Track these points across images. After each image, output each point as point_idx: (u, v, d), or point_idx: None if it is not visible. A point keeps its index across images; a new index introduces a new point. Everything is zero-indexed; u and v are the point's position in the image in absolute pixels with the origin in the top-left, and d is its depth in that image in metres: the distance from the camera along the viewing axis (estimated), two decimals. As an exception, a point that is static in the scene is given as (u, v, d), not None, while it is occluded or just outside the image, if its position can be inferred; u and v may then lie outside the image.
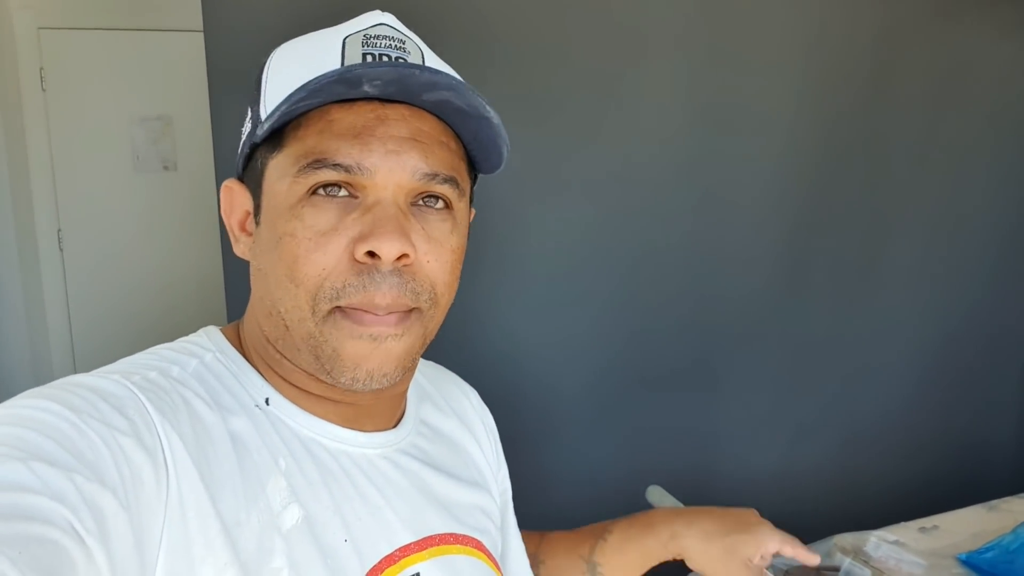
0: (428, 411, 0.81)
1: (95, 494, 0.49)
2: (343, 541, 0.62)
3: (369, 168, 0.59)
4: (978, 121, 2.10)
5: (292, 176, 0.60)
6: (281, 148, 0.62)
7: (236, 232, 0.68)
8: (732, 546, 0.86)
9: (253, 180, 0.65)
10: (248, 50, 1.40)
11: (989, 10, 2.06)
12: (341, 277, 0.59)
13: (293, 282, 0.60)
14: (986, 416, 2.28)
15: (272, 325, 0.64)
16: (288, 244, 0.60)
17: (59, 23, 3.49)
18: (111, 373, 0.59)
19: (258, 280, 0.65)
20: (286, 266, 0.60)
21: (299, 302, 0.60)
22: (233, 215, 0.69)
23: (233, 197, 0.68)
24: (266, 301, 0.64)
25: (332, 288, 0.59)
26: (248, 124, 0.66)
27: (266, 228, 0.63)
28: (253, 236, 0.66)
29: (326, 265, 0.59)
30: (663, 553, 0.89)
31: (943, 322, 2.17)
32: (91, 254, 3.66)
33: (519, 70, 1.61)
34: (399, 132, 0.61)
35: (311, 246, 0.59)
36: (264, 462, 0.61)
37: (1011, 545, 1.33)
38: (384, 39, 0.63)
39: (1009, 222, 2.22)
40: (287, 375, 0.66)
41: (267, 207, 0.63)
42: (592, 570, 0.91)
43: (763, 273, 1.93)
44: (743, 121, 1.82)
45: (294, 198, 0.60)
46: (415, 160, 0.61)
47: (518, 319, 1.70)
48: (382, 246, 0.58)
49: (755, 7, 1.79)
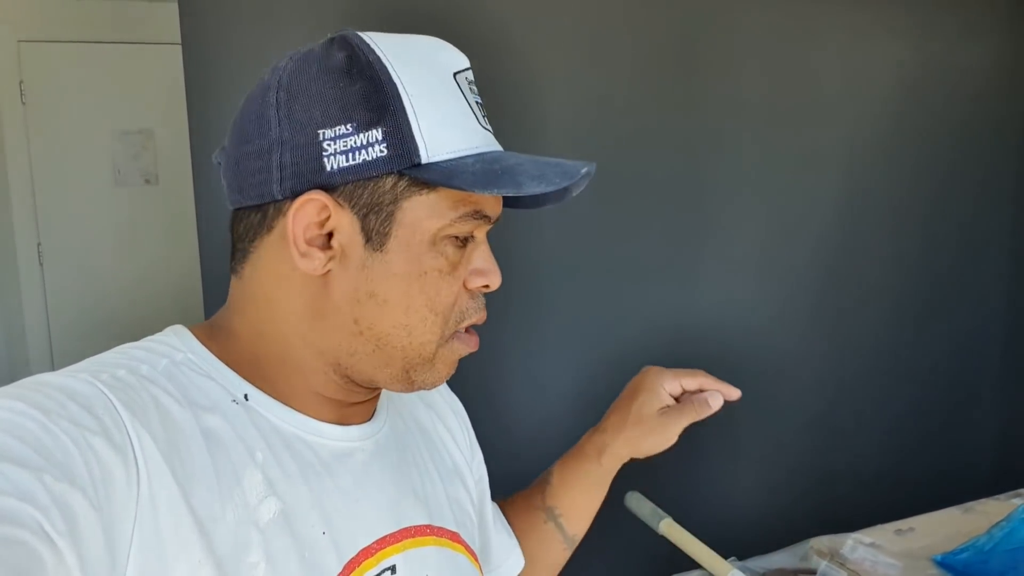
0: (399, 402, 0.81)
1: (65, 494, 0.49)
2: (321, 533, 0.63)
3: (496, 216, 0.70)
4: (961, 131, 2.14)
5: (451, 220, 0.65)
6: (436, 188, 0.64)
7: (303, 245, 0.63)
8: (639, 416, 0.88)
9: (369, 200, 0.63)
10: (225, 63, 1.41)
11: (968, 21, 2.09)
12: (463, 303, 0.69)
13: (433, 311, 0.66)
14: (962, 419, 2.31)
15: (360, 343, 0.66)
16: (433, 278, 0.65)
17: (39, 36, 3.47)
18: (79, 372, 0.58)
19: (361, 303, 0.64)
20: (428, 297, 0.65)
21: (434, 328, 0.67)
22: (308, 229, 0.64)
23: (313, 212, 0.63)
24: (364, 322, 0.65)
25: (459, 312, 0.68)
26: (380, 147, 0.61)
27: (400, 258, 0.64)
28: (339, 254, 0.64)
29: (457, 295, 0.68)
30: (602, 472, 0.91)
31: (919, 327, 2.19)
32: (72, 268, 3.64)
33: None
34: None
35: (451, 280, 0.67)
36: (239, 456, 0.61)
37: (985, 546, 1.35)
38: (475, 84, 0.69)
39: (991, 230, 2.26)
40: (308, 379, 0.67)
41: (405, 238, 0.64)
42: (550, 515, 0.93)
43: (747, 286, 1.95)
44: (722, 137, 1.85)
45: (440, 236, 0.65)
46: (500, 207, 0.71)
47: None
48: (496, 280, 0.70)
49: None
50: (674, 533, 1.06)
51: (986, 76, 2.17)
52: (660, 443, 0.88)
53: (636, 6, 1.75)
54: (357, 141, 0.62)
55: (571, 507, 0.93)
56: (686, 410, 0.87)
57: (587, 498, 0.93)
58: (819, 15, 1.93)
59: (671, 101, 1.82)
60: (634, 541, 0.98)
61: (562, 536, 0.93)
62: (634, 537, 1.03)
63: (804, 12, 1.91)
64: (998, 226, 2.27)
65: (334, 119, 0.62)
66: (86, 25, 3.50)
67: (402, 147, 0.61)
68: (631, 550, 1.36)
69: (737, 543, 1.31)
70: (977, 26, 2.13)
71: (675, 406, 0.89)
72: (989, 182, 2.23)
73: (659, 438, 0.87)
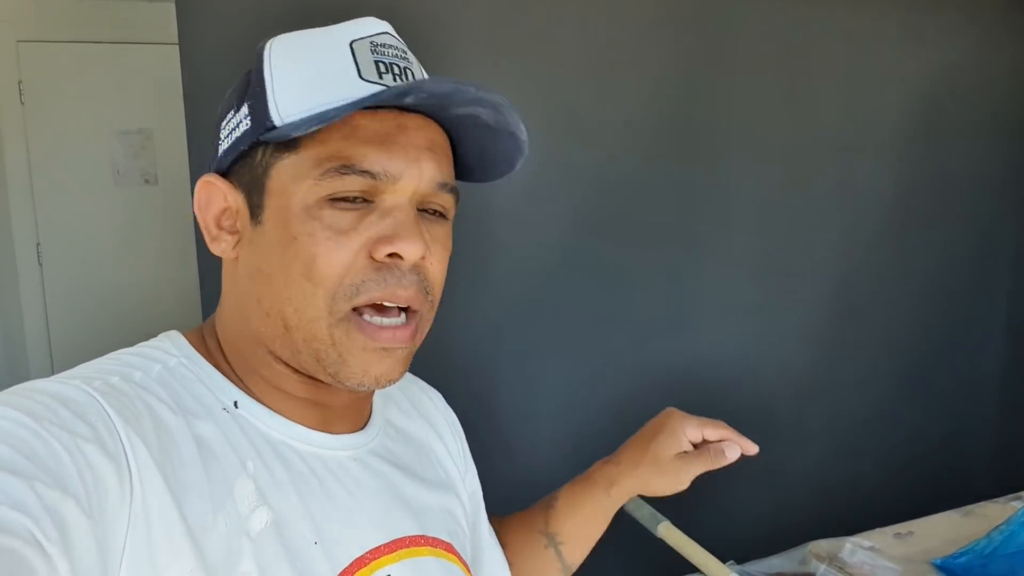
0: (393, 413, 0.81)
1: (57, 502, 0.48)
2: (313, 543, 0.62)
3: (394, 174, 0.61)
4: (962, 133, 2.14)
5: (314, 179, 0.61)
6: (296, 150, 0.62)
7: (213, 229, 0.66)
8: (655, 456, 0.87)
9: (249, 177, 0.64)
10: (223, 63, 1.41)
11: (970, 23, 2.10)
12: (360, 275, 0.61)
13: (311, 281, 0.61)
14: (961, 423, 2.30)
15: (270, 325, 0.64)
16: (306, 244, 0.61)
17: (38, 36, 3.47)
18: (72, 379, 0.58)
19: (257, 281, 0.64)
20: (303, 265, 0.61)
21: (316, 301, 0.61)
22: (209, 211, 0.67)
23: (212, 192, 0.67)
24: (265, 302, 0.63)
25: (351, 286, 0.61)
26: (245, 121, 0.64)
27: (274, 228, 0.63)
28: (239, 235, 0.65)
29: (346, 263, 0.61)
30: (610, 503, 0.90)
31: (919, 332, 2.19)
32: (71, 268, 3.63)
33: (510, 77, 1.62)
34: (418, 141, 0.63)
35: (331, 245, 0.60)
36: (231, 465, 0.61)
37: (985, 550, 1.35)
38: (390, 48, 0.65)
39: (989, 233, 2.26)
40: (271, 376, 0.66)
41: (276, 206, 0.63)
42: (551, 541, 0.91)
43: (743, 289, 1.94)
44: (724, 138, 1.85)
45: (312, 199, 0.61)
46: (432, 169, 0.63)
47: (487, 329, 1.70)
48: (408, 248, 0.61)
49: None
50: (672, 536, 1.06)
51: (993, 81, 2.16)
52: (672, 485, 0.87)
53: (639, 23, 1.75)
54: (234, 122, 0.65)
55: (573, 534, 0.91)
56: (702, 457, 0.86)
57: (590, 527, 0.91)
58: (820, 20, 1.92)
59: (674, 113, 1.82)
60: (632, 544, 0.98)
61: (560, 564, 0.92)
62: (632, 540, 1.02)
63: (805, 15, 1.90)
64: (1000, 233, 2.27)
65: (226, 109, 0.67)
66: (85, 25, 3.49)
67: (260, 115, 0.63)
68: (629, 553, 1.35)
69: (736, 547, 1.30)
70: (989, 31, 2.13)
71: (692, 452, 0.87)
72: (990, 190, 2.23)
73: (671, 480, 0.86)
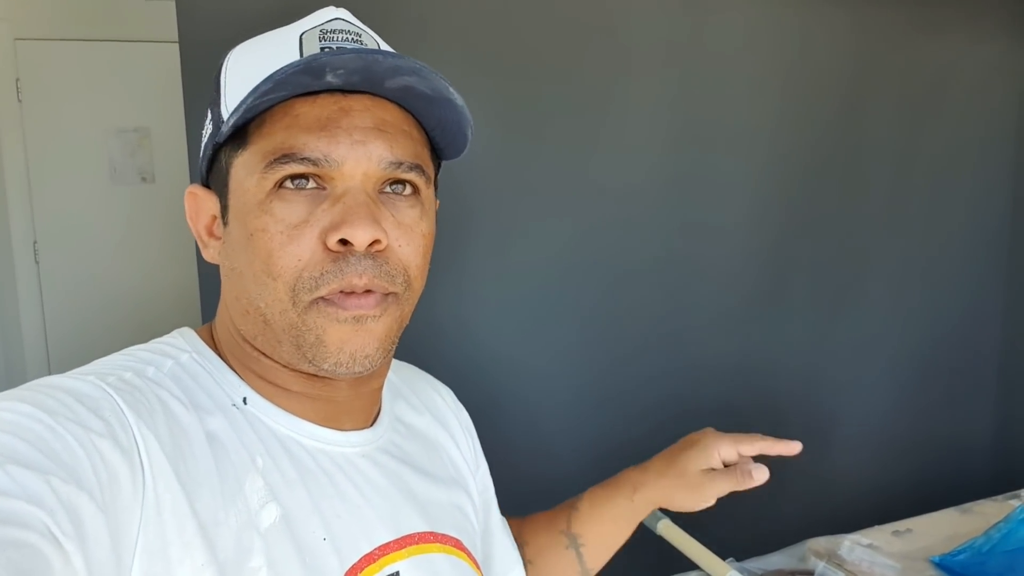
0: (403, 409, 0.81)
1: (72, 496, 0.49)
2: (322, 539, 0.63)
3: (336, 160, 0.60)
4: (957, 131, 2.14)
5: (260, 172, 0.61)
6: (246, 146, 0.62)
7: (204, 237, 0.68)
8: (683, 469, 0.87)
9: (219, 182, 0.66)
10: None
11: (964, 21, 2.10)
12: (318, 266, 0.60)
13: (270, 276, 0.61)
14: (961, 421, 2.31)
15: (249, 323, 0.64)
16: (261, 239, 0.61)
17: (36, 34, 3.46)
18: (86, 375, 0.59)
19: (232, 280, 0.65)
20: (261, 261, 0.61)
21: (279, 295, 0.61)
22: (200, 221, 0.69)
23: (198, 203, 0.68)
24: (242, 300, 0.64)
25: (311, 278, 0.60)
26: (209, 126, 0.66)
27: (236, 226, 0.63)
28: (222, 238, 0.67)
29: (301, 256, 0.60)
30: (632, 509, 0.90)
31: (920, 330, 2.19)
32: (67, 267, 3.63)
33: (505, 81, 1.62)
34: (363, 123, 0.62)
35: (284, 239, 0.60)
36: (241, 461, 0.61)
37: (983, 547, 1.35)
38: (340, 32, 0.65)
39: (987, 231, 2.26)
40: (265, 373, 0.66)
41: (235, 205, 0.64)
42: (572, 542, 0.91)
43: (744, 287, 1.94)
44: (725, 137, 1.85)
45: (262, 193, 0.61)
46: (381, 149, 0.62)
47: (501, 328, 1.70)
48: (355, 233, 0.59)
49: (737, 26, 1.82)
50: (672, 534, 1.06)
51: (985, 77, 2.17)
52: (696, 501, 0.87)
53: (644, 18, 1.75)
54: (205, 131, 0.68)
55: (595, 538, 0.91)
56: (730, 477, 0.86)
57: (612, 531, 0.92)
58: (821, 24, 1.92)
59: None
60: (632, 541, 0.98)
61: (580, 568, 0.92)
62: (632, 537, 1.02)
63: (806, 19, 1.91)
64: (996, 229, 2.27)
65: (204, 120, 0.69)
66: (83, 23, 3.49)
67: (216, 117, 0.64)
68: (629, 551, 1.36)
69: (735, 544, 1.30)
70: (981, 27, 2.13)
71: (721, 470, 0.87)
72: (985, 186, 2.24)
73: (696, 496, 0.87)
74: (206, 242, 0.68)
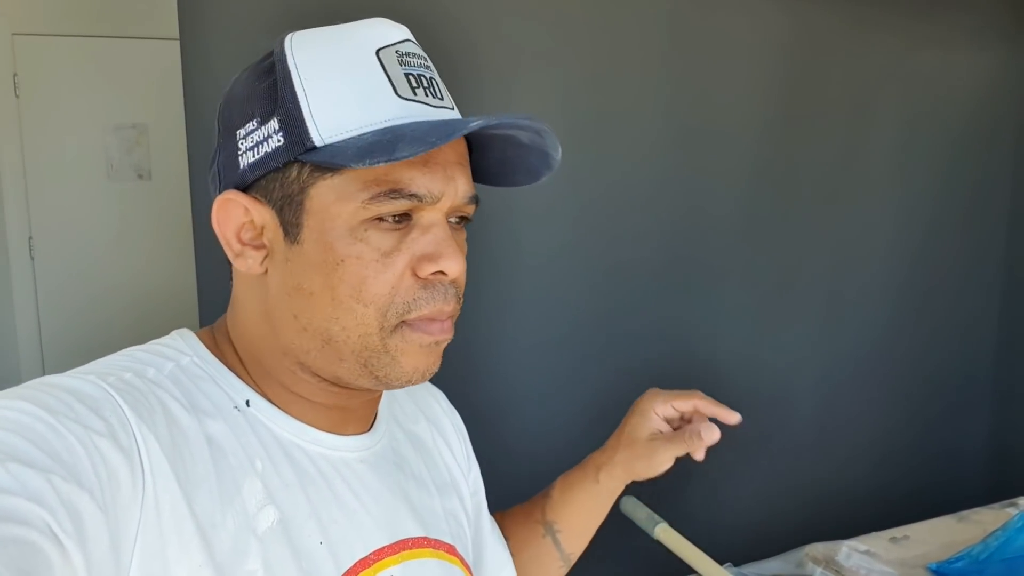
0: (399, 414, 0.81)
1: (72, 495, 0.49)
2: (318, 543, 0.63)
3: (436, 195, 0.62)
4: (957, 138, 2.15)
5: (362, 202, 0.60)
6: (339, 171, 0.61)
7: (236, 245, 0.65)
8: (631, 438, 0.87)
9: (280, 194, 0.63)
10: (224, 59, 1.40)
11: (964, 30, 2.10)
12: (410, 293, 0.62)
13: (360, 302, 0.62)
14: (957, 428, 2.31)
15: (306, 339, 0.64)
16: (354, 266, 0.61)
17: (34, 29, 3.45)
18: (86, 374, 0.59)
19: (294, 298, 0.63)
20: (351, 287, 0.61)
21: (366, 320, 0.62)
22: (228, 226, 0.65)
23: (233, 209, 0.65)
24: (302, 318, 0.63)
25: (402, 303, 0.62)
26: (276, 136, 0.62)
27: (316, 248, 0.62)
28: (267, 250, 0.64)
29: (395, 284, 0.62)
30: (600, 490, 0.90)
31: (913, 336, 2.20)
32: (63, 263, 3.62)
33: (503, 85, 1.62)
34: (451, 158, 0.64)
35: (379, 267, 0.61)
36: (240, 464, 0.61)
37: (980, 555, 1.35)
38: (415, 56, 0.65)
39: (983, 240, 2.27)
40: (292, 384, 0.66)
41: (316, 227, 0.62)
42: (548, 529, 0.92)
43: (750, 298, 1.95)
44: (717, 143, 1.85)
45: (357, 220, 0.61)
46: (464, 185, 0.65)
47: (498, 331, 1.70)
48: (452, 265, 0.63)
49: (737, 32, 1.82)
50: (669, 538, 1.05)
51: (984, 84, 2.17)
52: (648, 468, 0.86)
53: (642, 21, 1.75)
54: (260, 135, 0.63)
55: (570, 523, 0.92)
56: (676, 440, 0.85)
57: (586, 515, 0.92)
58: (825, 29, 1.93)
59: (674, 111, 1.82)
60: (629, 546, 0.97)
61: (559, 553, 0.92)
62: (629, 542, 1.02)
63: (807, 25, 1.91)
64: (991, 237, 2.27)
65: (245, 117, 0.64)
66: (81, 19, 3.48)
67: (296, 133, 0.61)
68: (626, 555, 1.35)
69: (733, 549, 1.30)
70: (978, 34, 2.14)
71: (667, 434, 0.87)
72: (982, 195, 2.24)
73: (646, 463, 0.86)
74: (238, 250, 0.65)
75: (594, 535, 0.95)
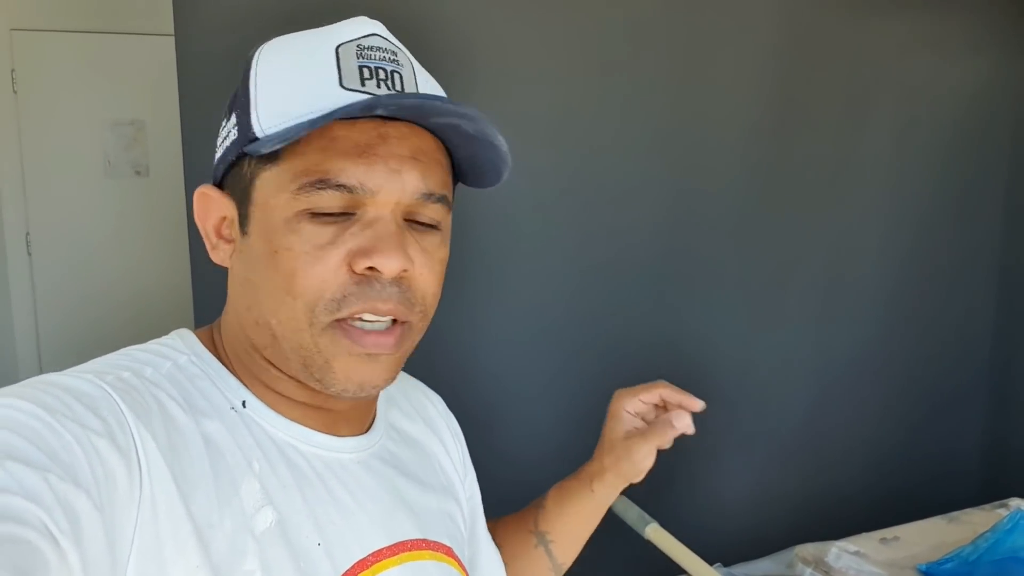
0: (396, 416, 0.81)
1: (69, 494, 0.49)
2: (316, 544, 0.62)
3: (372, 188, 0.60)
4: (953, 139, 2.15)
5: (291, 192, 0.60)
6: (277, 161, 0.61)
7: (213, 238, 0.67)
8: (611, 442, 0.87)
9: (238, 188, 0.64)
10: (219, 55, 1.40)
11: (960, 33, 2.11)
12: (341, 288, 0.60)
13: (291, 295, 0.60)
14: (948, 429, 2.32)
15: (259, 334, 0.64)
16: (285, 258, 0.60)
17: (32, 25, 3.45)
18: (84, 373, 0.58)
19: (246, 290, 0.64)
20: (283, 279, 0.60)
21: (296, 314, 0.61)
22: (208, 220, 0.67)
23: (209, 203, 0.67)
24: (254, 311, 0.63)
25: (332, 300, 0.60)
26: (233, 131, 0.64)
27: (258, 240, 0.62)
28: (235, 244, 0.66)
29: (326, 278, 0.60)
30: (595, 500, 0.89)
31: (905, 336, 2.20)
32: (60, 259, 3.61)
33: (501, 87, 1.62)
34: (400, 151, 0.61)
35: (309, 260, 0.60)
36: (238, 465, 0.61)
37: (970, 556, 1.35)
38: (378, 50, 0.63)
39: (978, 243, 2.27)
40: (270, 382, 0.66)
41: (259, 219, 0.62)
42: (541, 540, 0.91)
43: (746, 302, 1.95)
44: (708, 139, 1.86)
45: (290, 212, 0.60)
46: (415, 180, 0.62)
47: (493, 336, 1.70)
48: (385, 262, 0.59)
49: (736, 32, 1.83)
50: (660, 538, 1.06)
51: (977, 84, 2.18)
52: (633, 468, 0.85)
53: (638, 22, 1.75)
54: (225, 131, 0.65)
55: (563, 533, 0.91)
56: (649, 434, 0.84)
57: (580, 525, 0.91)
58: (818, 28, 1.93)
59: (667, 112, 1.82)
60: (620, 546, 0.98)
61: (551, 563, 0.92)
62: (620, 542, 1.02)
63: (801, 25, 1.91)
64: (984, 238, 2.28)
65: (223, 116, 0.67)
66: (79, 15, 3.48)
67: (244, 125, 0.62)
68: (617, 555, 1.36)
69: (723, 549, 1.31)
70: (972, 35, 2.14)
71: (640, 429, 0.86)
72: (976, 195, 2.25)
73: (630, 464, 0.85)
74: (215, 243, 0.67)
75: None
